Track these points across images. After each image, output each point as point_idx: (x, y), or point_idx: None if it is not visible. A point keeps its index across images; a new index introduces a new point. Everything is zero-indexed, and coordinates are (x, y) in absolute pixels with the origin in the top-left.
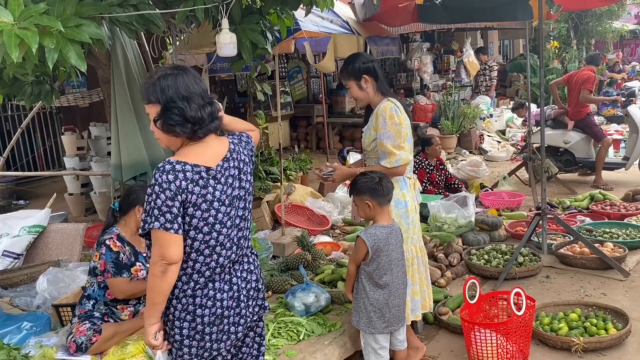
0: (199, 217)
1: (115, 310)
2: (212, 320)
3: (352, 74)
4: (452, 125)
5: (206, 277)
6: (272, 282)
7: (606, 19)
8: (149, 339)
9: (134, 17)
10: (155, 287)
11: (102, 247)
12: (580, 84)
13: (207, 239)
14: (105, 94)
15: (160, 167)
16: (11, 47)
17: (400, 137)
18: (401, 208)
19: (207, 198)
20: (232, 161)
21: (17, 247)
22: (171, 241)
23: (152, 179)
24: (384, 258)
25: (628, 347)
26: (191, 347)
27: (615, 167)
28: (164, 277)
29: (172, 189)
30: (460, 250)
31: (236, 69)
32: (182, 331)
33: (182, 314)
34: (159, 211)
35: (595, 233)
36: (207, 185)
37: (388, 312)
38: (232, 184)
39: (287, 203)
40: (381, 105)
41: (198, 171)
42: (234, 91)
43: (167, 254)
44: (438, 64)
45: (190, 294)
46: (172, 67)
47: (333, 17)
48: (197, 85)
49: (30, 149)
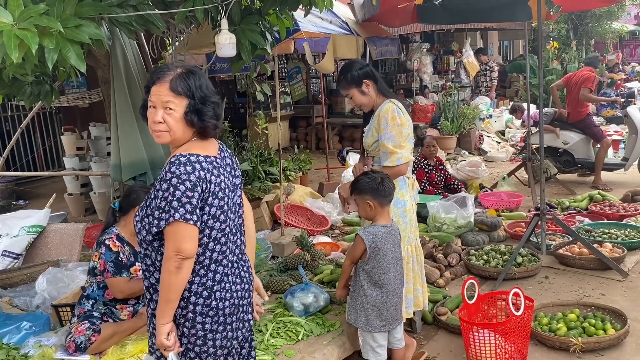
0: (217, 205)
1: (115, 310)
2: (232, 311)
3: (352, 81)
4: (452, 125)
5: (224, 266)
6: (271, 282)
7: (606, 19)
8: (161, 339)
9: (133, 18)
10: (169, 284)
11: (102, 247)
12: (580, 83)
13: (223, 227)
14: (105, 94)
15: (175, 161)
16: (11, 48)
17: (401, 137)
18: (400, 207)
19: (221, 186)
20: (224, 152)
21: (17, 247)
22: (188, 234)
23: (165, 173)
24: (382, 257)
25: (626, 348)
26: (215, 340)
27: (615, 168)
28: (179, 272)
29: (192, 179)
30: (459, 251)
31: (235, 70)
32: (204, 326)
33: (205, 309)
34: (178, 202)
35: (594, 233)
36: (220, 173)
37: (386, 311)
38: (231, 172)
39: (286, 203)
40: (383, 106)
41: (211, 161)
42: (233, 91)
43: (183, 247)
44: (438, 64)
45: (211, 286)
46: (189, 66)
47: (332, 17)
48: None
49: (30, 149)
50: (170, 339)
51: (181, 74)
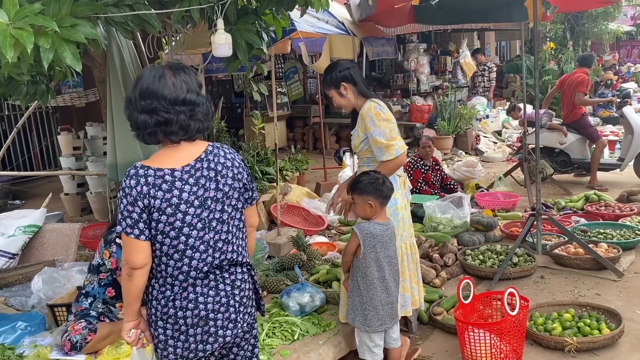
0: (164, 221)
1: (113, 309)
2: (195, 322)
3: (331, 83)
4: (449, 126)
5: (181, 281)
6: (267, 282)
7: (602, 20)
8: (123, 334)
9: (129, 17)
10: (125, 289)
11: (113, 246)
12: (574, 87)
13: (175, 244)
14: (101, 93)
15: (126, 172)
16: (6, 47)
17: (391, 131)
18: (390, 206)
19: (172, 202)
20: (206, 162)
21: (13, 247)
22: (133, 246)
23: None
24: (378, 254)
25: (621, 347)
26: (176, 348)
27: (611, 168)
28: (130, 280)
29: (133, 194)
30: (455, 251)
31: (232, 69)
32: (165, 331)
33: (164, 316)
34: (121, 215)
35: (589, 234)
36: (172, 188)
37: (382, 310)
38: (205, 185)
39: (283, 203)
40: (365, 106)
41: (161, 175)
42: (230, 91)
43: (129, 258)
44: (435, 64)
45: (169, 297)
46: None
47: (329, 17)
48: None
49: (26, 148)
50: (131, 336)
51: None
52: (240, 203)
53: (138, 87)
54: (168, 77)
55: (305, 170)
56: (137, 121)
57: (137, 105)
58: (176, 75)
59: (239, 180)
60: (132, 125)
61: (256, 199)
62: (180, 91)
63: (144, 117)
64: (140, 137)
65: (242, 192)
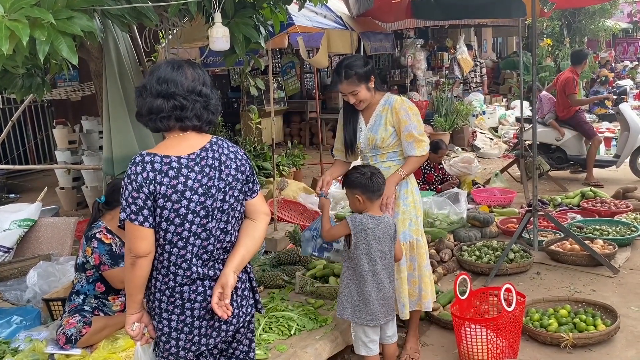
0: (169, 208)
1: (107, 303)
2: (202, 315)
3: (362, 78)
4: (445, 122)
5: (184, 269)
6: (264, 277)
7: (599, 17)
8: (126, 327)
9: (126, 10)
10: (127, 279)
11: (94, 241)
12: (562, 89)
13: (179, 231)
14: (97, 87)
15: (132, 160)
16: (1, 39)
17: (421, 125)
18: (401, 189)
19: (177, 189)
20: (211, 152)
21: (8, 241)
22: (137, 234)
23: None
24: (371, 247)
25: (616, 343)
26: (179, 340)
27: (607, 165)
28: (133, 269)
29: (139, 180)
30: (452, 247)
31: (229, 63)
32: (170, 323)
33: (170, 307)
34: (126, 202)
35: (585, 230)
36: (179, 175)
37: (372, 304)
38: (209, 174)
39: (279, 198)
40: (395, 99)
41: (168, 162)
42: (227, 86)
43: (133, 246)
44: (432, 60)
45: (173, 287)
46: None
47: (326, 12)
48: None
49: (21, 142)
50: (135, 329)
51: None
52: (241, 195)
53: (155, 74)
54: (186, 68)
55: (301, 166)
56: (152, 106)
57: (153, 91)
58: (193, 68)
59: (242, 172)
60: (144, 112)
61: (257, 192)
62: (197, 82)
63: (160, 101)
64: (152, 122)
65: (244, 184)
